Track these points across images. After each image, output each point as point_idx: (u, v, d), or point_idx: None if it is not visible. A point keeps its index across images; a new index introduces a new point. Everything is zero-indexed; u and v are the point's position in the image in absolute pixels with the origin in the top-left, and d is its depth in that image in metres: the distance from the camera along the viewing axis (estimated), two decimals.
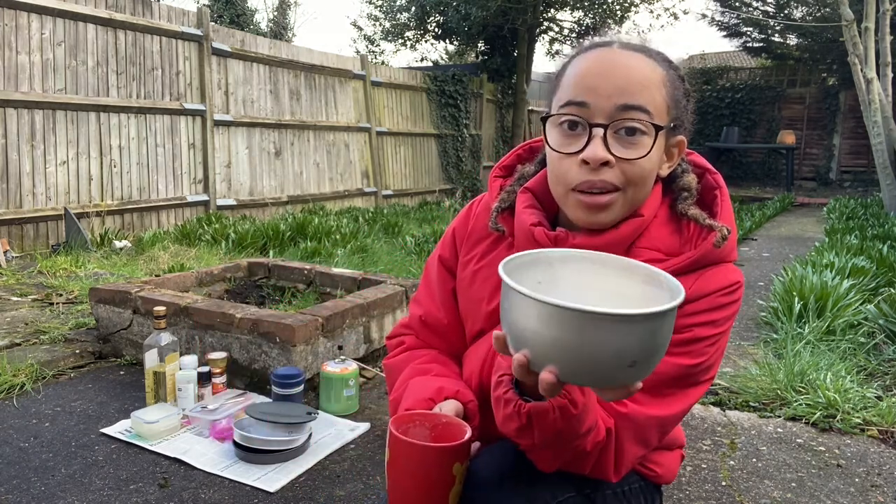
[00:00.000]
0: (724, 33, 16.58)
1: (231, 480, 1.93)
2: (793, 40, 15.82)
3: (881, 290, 3.95)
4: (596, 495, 0.97)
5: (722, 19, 16.20)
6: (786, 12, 15.23)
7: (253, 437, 2.03)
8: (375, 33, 17.00)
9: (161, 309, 2.38)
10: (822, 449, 2.23)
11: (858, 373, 2.83)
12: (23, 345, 3.02)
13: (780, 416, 2.48)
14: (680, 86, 0.97)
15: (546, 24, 14.26)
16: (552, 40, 14.75)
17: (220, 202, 7.43)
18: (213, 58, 7.38)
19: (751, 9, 15.81)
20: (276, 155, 8.34)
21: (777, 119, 15.73)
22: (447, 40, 14.71)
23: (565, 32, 14.56)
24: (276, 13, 25.67)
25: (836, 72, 14.77)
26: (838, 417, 2.41)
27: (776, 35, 15.99)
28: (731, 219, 0.97)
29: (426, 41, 15.04)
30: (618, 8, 13.53)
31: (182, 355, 2.42)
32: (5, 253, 5.02)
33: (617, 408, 0.91)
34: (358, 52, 19.32)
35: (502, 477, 0.90)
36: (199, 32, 7.15)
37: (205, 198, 7.26)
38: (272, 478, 1.94)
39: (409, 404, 0.98)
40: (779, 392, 2.60)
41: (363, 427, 2.31)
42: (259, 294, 3.47)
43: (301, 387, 2.31)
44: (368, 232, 6.59)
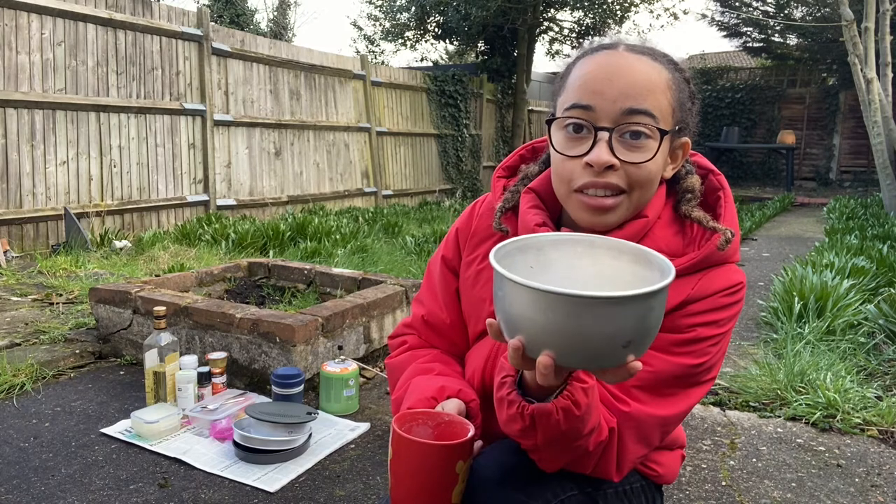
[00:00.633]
0: (724, 33, 16.61)
1: (231, 480, 1.93)
2: (793, 40, 15.85)
3: (881, 290, 3.95)
4: (597, 494, 0.97)
5: (722, 19, 16.22)
6: (786, 12, 15.24)
7: (253, 437, 2.03)
8: (375, 33, 17.00)
9: (161, 309, 2.38)
10: (822, 449, 2.24)
11: (858, 373, 2.83)
12: (23, 345, 3.02)
13: (780, 416, 2.48)
14: (685, 88, 0.97)
15: (546, 24, 14.26)
16: (552, 40, 14.76)
17: (220, 202, 7.43)
18: (213, 58, 7.37)
19: (751, 9, 15.83)
20: (276, 155, 8.34)
21: (777, 119, 15.74)
22: (447, 40, 14.71)
23: (565, 32, 14.56)
24: (276, 13, 25.69)
25: (836, 72, 14.79)
26: (838, 417, 2.41)
27: (776, 35, 16.01)
28: (734, 221, 0.98)
29: (426, 41, 15.04)
30: (618, 8, 13.53)
31: (182, 355, 2.42)
32: (5, 253, 5.02)
33: (619, 407, 0.91)
34: (358, 52, 19.34)
35: (504, 475, 0.90)
36: (199, 32, 7.15)
37: (205, 198, 7.26)
38: (272, 478, 1.94)
39: (411, 403, 0.98)
40: (779, 392, 2.60)
41: (363, 427, 2.31)
42: (259, 294, 3.47)
43: (301, 387, 2.31)
44: (368, 232, 6.59)
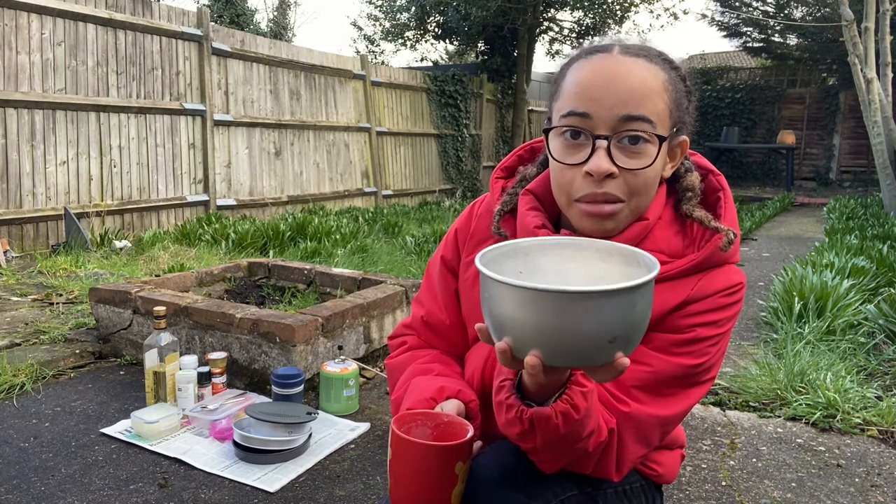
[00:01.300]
0: (724, 33, 16.61)
1: (231, 480, 1.93)
2: (793, 40, 15.85)
3: (881, 290, 3.95)
4: (597, 494, 0.97)
5: (722, 19, 16.22)
6: (786, 12, 15.24)
7: (253, 437, 2.03)
8: (375, 33, 17.00)
9: (161, 309, 2.38)
10: (822, 449, 2.24)
11: (858, 373, 2.83)
12: (23, 345, 3.02)
13: (780, 416, 2.48)
14: (681, 87, 0.96)
15: (546, 24, 14.26)
16: (552, 40, 14.75)
17: (220, 202, 7.43)
18: (213, 58, 7.37)
19: (751, 9, 15.83)
20: (276, 155, 8.34)
21: (777, 119, 15.74)
22: (447, 40, 14.72)
23: (565, 32, 14.56)
24: (276, 13, 25.69)
25: (836, 72, 14.78)
26: (838, 417, 2.41)
27: (776, 35, 16.01)
28: (734, 221, 0.97)
29: (426, 41, 15.04)
30: (618, 8, 13.53)
31: (182, 355, 2.42)
32: (5, 253, 5.02)
33: (619, 407, 0.91)
34: (358, 52, 19.33)
35: (504, 476, 0.90)
36: (199, 32, 7.15)
37: (205, 198, 7.26)
38: (272, 478, 1.94)
39: (410, 403, 0.98)
40: (779, 392, 2.60)
41: (363, 427, 2.31)
42: (259, 294, 3.47)
43: (301, 387, 2.31)
44: (368, 232, 6.59)
